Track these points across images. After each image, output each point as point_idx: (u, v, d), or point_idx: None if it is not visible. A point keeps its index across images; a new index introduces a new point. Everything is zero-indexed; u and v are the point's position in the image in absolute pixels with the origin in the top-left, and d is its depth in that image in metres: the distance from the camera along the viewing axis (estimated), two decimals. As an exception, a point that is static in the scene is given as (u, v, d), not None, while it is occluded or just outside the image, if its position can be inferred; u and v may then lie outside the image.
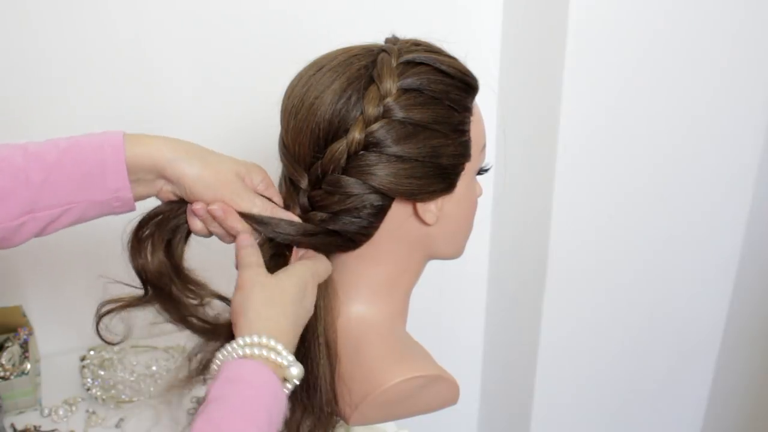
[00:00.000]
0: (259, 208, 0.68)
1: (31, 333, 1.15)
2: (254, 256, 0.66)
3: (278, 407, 0.58)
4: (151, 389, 1.11)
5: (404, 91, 0.66)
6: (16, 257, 1.14)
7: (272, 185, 0.72)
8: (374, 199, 0.67)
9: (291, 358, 0.60)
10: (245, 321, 0.61)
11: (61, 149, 0.64)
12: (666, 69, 1.24)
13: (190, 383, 0.72)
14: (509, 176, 1.34)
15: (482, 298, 1.54)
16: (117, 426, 1.05)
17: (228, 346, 0.60)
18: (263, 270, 0.66)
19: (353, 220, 0.68)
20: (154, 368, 1.15)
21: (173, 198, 0.69)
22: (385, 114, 0.65)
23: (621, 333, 1.48)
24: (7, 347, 1.09)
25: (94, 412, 1.08)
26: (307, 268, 0.67)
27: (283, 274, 0.66)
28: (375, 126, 0.65)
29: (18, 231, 0.64)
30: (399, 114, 0.65)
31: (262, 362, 0.58)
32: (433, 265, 0.77)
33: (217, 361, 0.60)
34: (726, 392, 1.67)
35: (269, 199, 0.70)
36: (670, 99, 1.27)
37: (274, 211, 0.69)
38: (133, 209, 0.68)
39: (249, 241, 0.68)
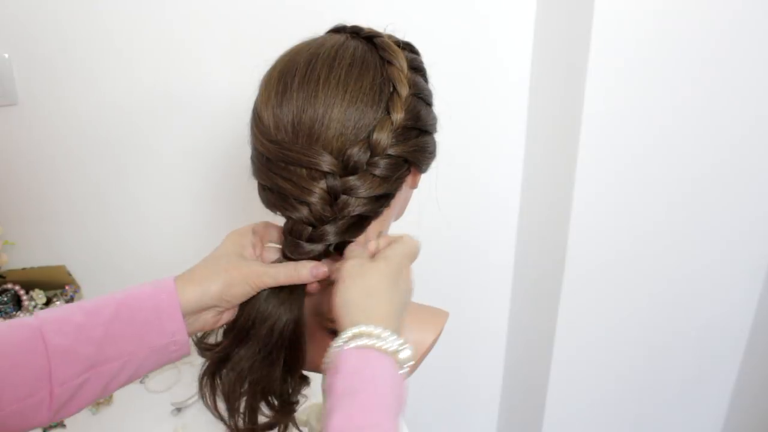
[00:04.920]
0: (285, 274, 0.66)
1: (77, 290, 1.21)
2: (357, 250, 0.67)
3: (401, 389, 0.58)
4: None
5: (410, 68, 0.68)
6: (60, 219, 1.23)
7: (253, 233, 0.69)
8: (405, 173, 0.68)
9: (399, 341, 0.58)
10: (347, 314, 0.60)
11: (117, 300, 0.64)
12: (691, 69, 1.23)
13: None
14: (534, 174, 1.35)
15: (506, 292, 1.56)
16: (141, 382, 1.14)
17: (338, 340, 0.59)
18: (361, 261, 0.65)
19: (387, 199, 0.67)
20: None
21: (217, 322, 0.70)
22: (411, 89, 0.66)
23: (641, 333, 1.47)
24: (56, 303, 1.16)
25: (123, 368, 1.16)
26: (399, 251, 0.66)
27: (380, 261, 0.64)
28: (411, 102, 0.66)
29: (78, 392, 0.62)
30: (419, 86, 0.68)
31: (374, 350, 0.58)
32: (459, 257, 0.74)
33: (329, 356, 0.60)
34: (747, 403, 1.64)
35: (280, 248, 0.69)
36: (701, 97, 1.26)
37: (294, 267, 0.66)
38: (187, 353, 0.68)
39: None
